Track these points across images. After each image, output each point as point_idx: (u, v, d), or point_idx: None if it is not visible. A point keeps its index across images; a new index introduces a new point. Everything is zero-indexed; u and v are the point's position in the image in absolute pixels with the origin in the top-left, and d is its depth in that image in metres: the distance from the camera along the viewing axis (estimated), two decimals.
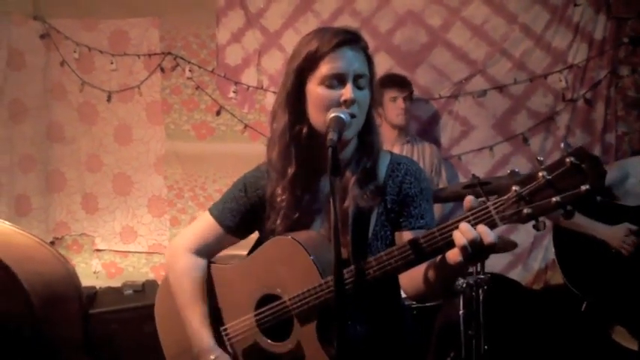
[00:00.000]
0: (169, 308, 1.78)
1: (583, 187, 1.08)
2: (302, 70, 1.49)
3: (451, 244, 1.21)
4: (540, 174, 1.12)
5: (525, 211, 1.14)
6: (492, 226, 1.17)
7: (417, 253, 1.29)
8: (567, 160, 1.09)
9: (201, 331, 1.64)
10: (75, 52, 4.20)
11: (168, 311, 1.79)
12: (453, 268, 1.23)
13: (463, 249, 1.17)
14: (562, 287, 2.94)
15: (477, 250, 1.17)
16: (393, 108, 3.34)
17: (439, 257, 1.30)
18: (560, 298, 3.06)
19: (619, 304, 2.81)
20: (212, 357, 1.60)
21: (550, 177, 1.11)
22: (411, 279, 1.46)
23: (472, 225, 1.18)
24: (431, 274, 1.37)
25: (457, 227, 1.20)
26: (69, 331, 1.93)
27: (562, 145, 1.13)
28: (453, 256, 1.21)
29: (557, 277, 3.29)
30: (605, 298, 2.80)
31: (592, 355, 2.95)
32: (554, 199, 1.10)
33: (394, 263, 1.32)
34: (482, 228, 1.17)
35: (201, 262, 1.72)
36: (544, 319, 3.15)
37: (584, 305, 2.82)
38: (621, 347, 2.83)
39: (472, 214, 1.19)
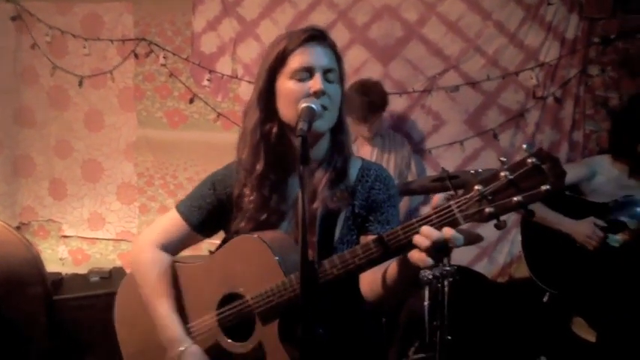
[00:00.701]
0: (131, 307, 1.74)
1: (543, 187, 1.10)
2: (273, 69, 1.51)
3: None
4: (502, 174, 1.14)
5: (487, 210, 1.15)
6: (455, 224, 1.19)
7: (380, 252, 1.29)
8: (529, 160, 1.11)
9: (169, 321, 1.61)
10: (47, 35, 4.13)
11: (129, 310, 1.76)
12: (415, 266, 1.25)
13: (427, 250, 1.19)
14: (526, 281, 3.00)
15: (440, 249, 1.19)
16: (357, 130, 3.37)
17: (402, 256, 1.30)
18: (524, 291, 3.13)
19: (580, 297, 2.87)
20: (181, 348, 1.56)
21: (512, 177, 1.13)
22: (372, 282, 1.46)
23: (435, 226, 1.20)
24: (392, 273, 1.37)
25: (419, 230, 1.21)
26: (31, 315, 1.92)
27: (524, 146, 1.15)
28: (419, 255, 1.21)
29: (521, 271, 3.34)
30: (567, 291, 2.87)
31: (552, 345, 3.01)
32: (515, 198, 1.12)
33: (358, 262, 1.32)
34: (447, 230, 1.18)
35: (167, 258, 1.69)
36: (507, 311, 3.22)
37: (546, 297, 2.88)
38: (580, 339, 2.90)
39: (435, 213, 1.21)
